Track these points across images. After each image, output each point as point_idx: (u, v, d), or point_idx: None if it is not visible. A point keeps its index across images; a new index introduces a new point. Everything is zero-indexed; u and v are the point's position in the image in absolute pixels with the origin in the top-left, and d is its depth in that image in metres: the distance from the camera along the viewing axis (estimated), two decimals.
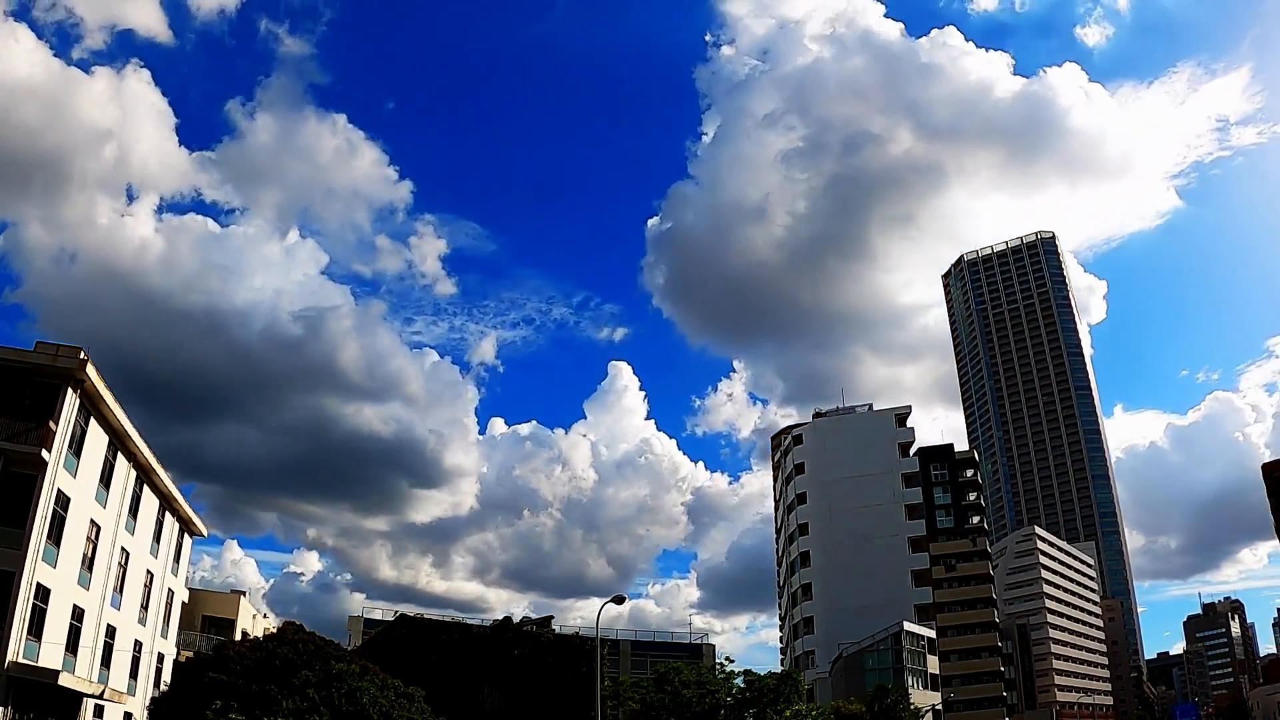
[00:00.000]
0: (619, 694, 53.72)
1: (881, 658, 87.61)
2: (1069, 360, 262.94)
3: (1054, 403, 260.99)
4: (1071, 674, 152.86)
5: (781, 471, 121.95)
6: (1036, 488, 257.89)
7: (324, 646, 38.07)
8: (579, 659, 52.34)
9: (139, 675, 44.12)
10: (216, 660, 35.95)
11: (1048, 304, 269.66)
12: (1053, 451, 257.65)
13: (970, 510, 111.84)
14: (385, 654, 47.72)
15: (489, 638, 55.01)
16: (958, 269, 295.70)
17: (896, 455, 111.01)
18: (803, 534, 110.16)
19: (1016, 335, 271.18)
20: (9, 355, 33.33)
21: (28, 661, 31.43)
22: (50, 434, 32.20)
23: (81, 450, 35.39)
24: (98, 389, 34.89)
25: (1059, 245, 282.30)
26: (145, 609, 44.99)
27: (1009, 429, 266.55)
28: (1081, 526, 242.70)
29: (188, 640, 53.03)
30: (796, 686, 55.53)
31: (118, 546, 40.29)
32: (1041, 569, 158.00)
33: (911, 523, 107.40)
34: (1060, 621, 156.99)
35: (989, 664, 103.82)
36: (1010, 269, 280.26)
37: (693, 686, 51.10)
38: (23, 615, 31.15)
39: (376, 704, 35.14)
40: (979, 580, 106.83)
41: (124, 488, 40.72)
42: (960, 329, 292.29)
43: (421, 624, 56.84)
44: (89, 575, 37.10)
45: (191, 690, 34.37)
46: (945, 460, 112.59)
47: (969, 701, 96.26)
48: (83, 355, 33.33)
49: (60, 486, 33.49)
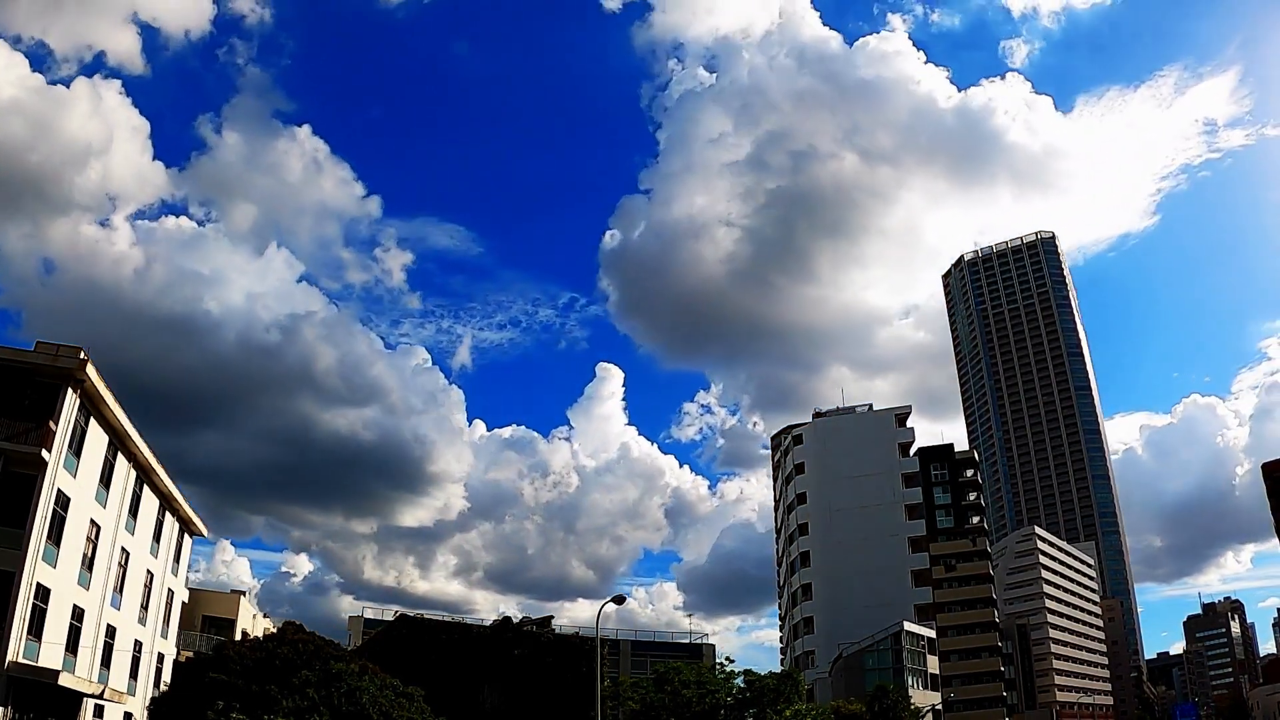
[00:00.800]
0: (619, 694, 53.70)
1: (881, 658, 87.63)
2: (1069, 360, 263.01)
3: (1054, 403, 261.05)
4: (1071, 674, 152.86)
5: (781, 471, 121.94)
6: (1036, 488, 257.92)
7: (324, 646, 38.11)
8: (579, 659, 52.37)
9: (139, 675, 44.12)
10: (216, 660, 35.99)
11: (1048, 304, 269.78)
12: (1053, 451, 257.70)
13: (970, 510, 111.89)
14: (385, 654, 47.75)
15: (489, 638, 55.06)
16: (957, 269, 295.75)
17: (896, 455, 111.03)
18: (803, 534, 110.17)
19: (1016, 335, 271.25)
20: (9, 355, 33.35)
21: (28, 661, 31.43)
22: (50, 434, 32.20)
23: (81, 450, 35.39)
24: (98, 389, 34.89)
25: (1059, 245, 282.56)
26: (145, 609, 44.99)
27: (1009, 429, 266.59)
28: (1081, 526, 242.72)
29: (188, 640, 53.04)
30: (797, 686, 55.53)
31: (118, 546, 40.29)
32: (1041, 569, 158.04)
33: (911, 523, 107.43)
34: (1060, 621, 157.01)
35: (989, 664, 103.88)
36: (1010, 269, 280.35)
37: (693, 686, 51.08)
38: (23, 615, 31.15)
39: (376, 704, 35.16)
40: (979, 580, 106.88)
41: (124, 488, 40.73)
42: (960, 329, 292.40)
43: (421, 624, 56.89)
44: (89, 575, 37.11)
45: (192, 690, 34.39)
46: (945, 460, 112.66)
47: (969, 701, 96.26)
48: (83, 355, 33.33)
49: (60, 486, 33.49)
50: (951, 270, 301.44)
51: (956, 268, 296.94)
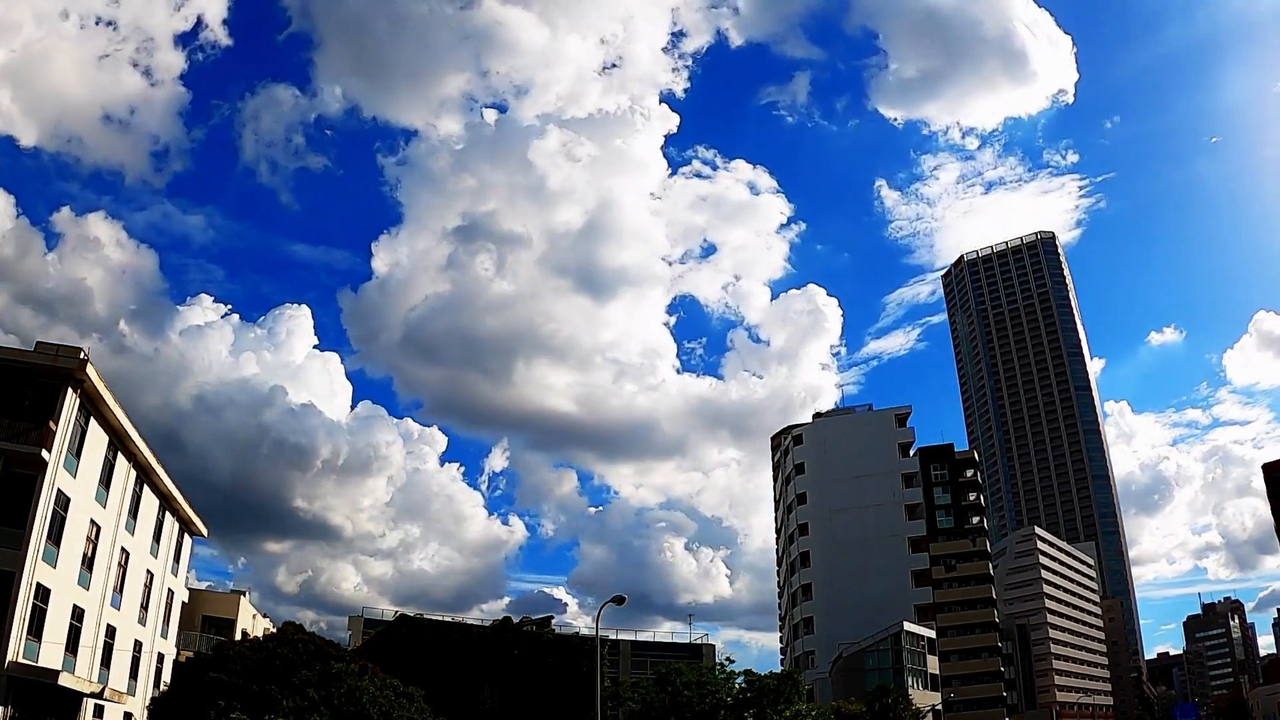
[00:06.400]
0: (619, 694, 53.67)
1: (881, 658, 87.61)
2: (1069, 360, 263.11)
3: (1054, 403, 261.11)
4: (1071, 674, 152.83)
5: (781, 471, 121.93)
6: (1036, 488, 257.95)
7: (324, 646, 38.14)
8: (579, 659, 52.44)
9: (139, 675, 44.11)
10: (217, 660, 35.98)
11: (1048, 304, 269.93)
12: (1053, 451, 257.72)
13: (970, 510, 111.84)
14: (385, 654, 47.78)
15: (489, 638, 55.15)
16: (957, 269, 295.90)
17: (896, 455, 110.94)
18: (803, 534, 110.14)
19: (1016, 335, 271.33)
20: (9, 355, 33.36)
21: (28, 661, 31.43)
22: (50, 434, 32.19)
23: (81, 450, 35.38)
24: (98, 389, 34.87)
25: (1059, 245, 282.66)
26: (145, 609, 44.98)
27: (1009, 429, 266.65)
28: (1081, 526, 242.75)
29: (188, 640, 53.02)
30: (797, 686, 55.41)
31: (118, 546, 40.28)
32: (1041, 569, 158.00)
33: (911, 523, 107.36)
34: (1060, 621, 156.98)
35: (989, 664, 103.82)
36: (1010, 269, 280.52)
37: (693, 687, 51.01)
38: (23, 615, 31.15)
39: (376, 703, 35.16)
40: (979, 580, 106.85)
41: (124, 488, 40.71)
42: (960, 329, 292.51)
43: (421, 624, 56.99)
44: (89, 575, 37.10)
45: (192, 690, 34.39)
46: (945, 460, 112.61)
47: (969, 701, 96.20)
48: (83, 355, 33.33)
49: (60, 486, 33.49)
50: (951, 270, 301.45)
51: (956, 268, 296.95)
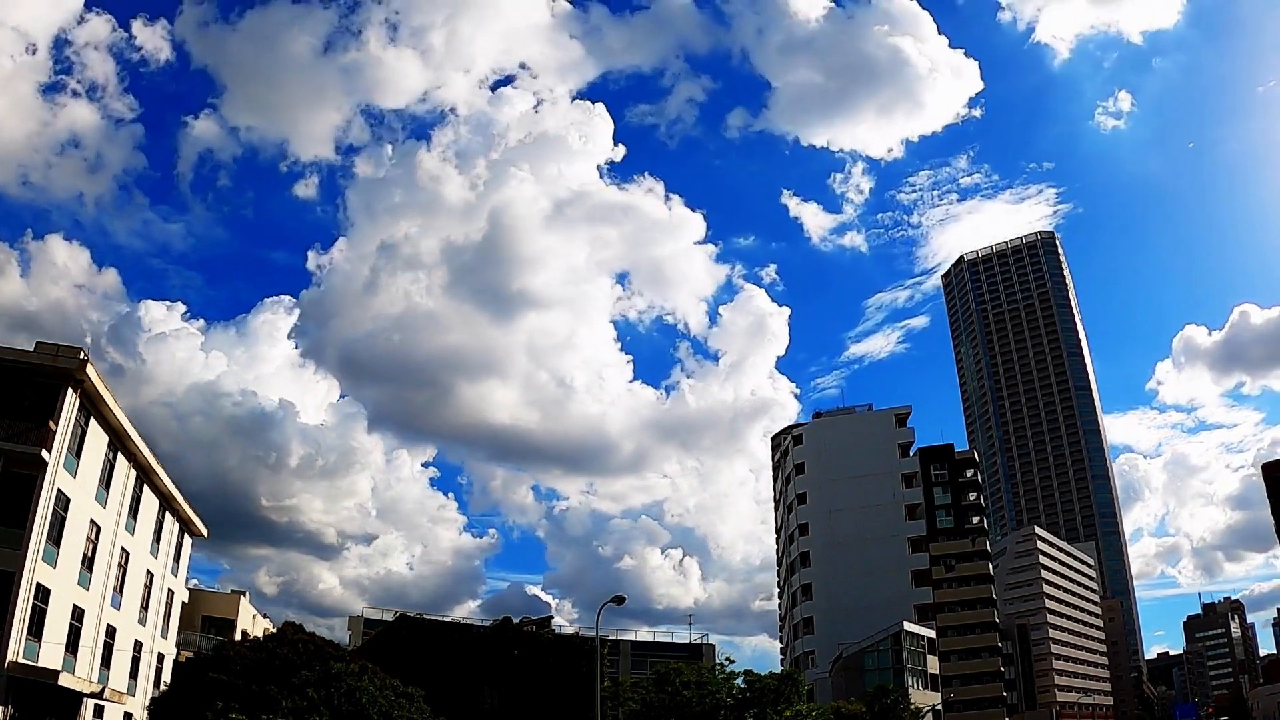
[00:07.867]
0: (619, 694, 53.69)
1: (881, 658, 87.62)
2: (1069, 360, 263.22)
3: (1054, 403, 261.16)
4: (1071, 674, 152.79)
5: (781, 471, 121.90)
6: (1036, 488, 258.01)
7: (324, 646, 38.07)
8: (579, 659, 52.38)
9: (139, 675, 44.11)
10: (216, 660, 35.93)
11: (1048, 304, 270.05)
12: (1053, 451, 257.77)
13: (970, 510, 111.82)
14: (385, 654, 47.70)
15: (489, 638, 55.08)
16: (957, 269, 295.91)
17: (896, 455, 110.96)
18: (803, 534, 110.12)
19: (1016, 335, 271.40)
20: (9, 355, 33.34)
21: (28, 661, 31.43)
22: (50, 434, 32.19)
23: (81, 450, 35.37)
24: (98, 389, 34.87)
25: (1058, 245, 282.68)
26: (145, 609, 44.99)
27: (1009, 429, 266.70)
28: (1081, 526, 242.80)
29: (188, 640, 53.03)
30: (797, 686, 55.39)
31: (118, 546, 40.28)
32: (1041, 569, 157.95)
33: (911, 523, 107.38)
34: (1060, 621, 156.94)
35: (989, 664, 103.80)
36: (1010, 269, 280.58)
37: (693, 687, 51.00)
38: (23, 615, 31.16)
39: (376, 704, 35.12)
40: (979, 580, 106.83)
41: (124, 488, 40.71)
42: (960, 329, 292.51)
43: (421, 624, 56.96)
44: (89, 575, 37.10)
45: (191, 690, 34.34)
46: (945, 460, 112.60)
47: (969, 701, 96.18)
48: (83, 355, 33.32)
49: (60, 486, 33.48)
50: (951, 270, 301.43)
51: (956, 268, 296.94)
